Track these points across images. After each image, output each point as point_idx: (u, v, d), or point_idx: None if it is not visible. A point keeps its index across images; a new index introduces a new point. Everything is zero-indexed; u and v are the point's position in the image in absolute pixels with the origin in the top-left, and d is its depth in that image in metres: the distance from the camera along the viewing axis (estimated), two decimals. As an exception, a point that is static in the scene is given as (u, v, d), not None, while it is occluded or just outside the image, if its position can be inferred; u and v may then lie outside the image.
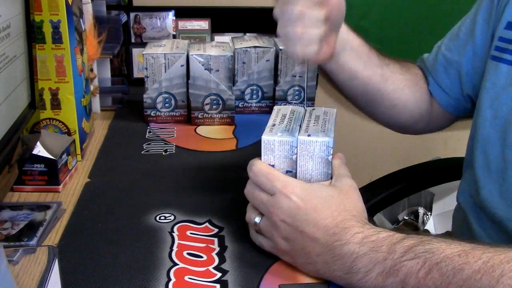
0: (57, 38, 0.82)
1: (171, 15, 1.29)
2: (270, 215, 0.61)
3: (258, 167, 0.62)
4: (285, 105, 0.99)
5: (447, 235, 1.02)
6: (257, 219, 0.63)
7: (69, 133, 0.87)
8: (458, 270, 0.51)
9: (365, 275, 0.55)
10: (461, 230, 0.84)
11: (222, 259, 0.64)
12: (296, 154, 0.63)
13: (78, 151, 0.88)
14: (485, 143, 0.75)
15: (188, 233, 0.70)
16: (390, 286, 0.54)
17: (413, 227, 1.09)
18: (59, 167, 0.78)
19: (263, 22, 1.37)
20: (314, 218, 0.58)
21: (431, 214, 1.61)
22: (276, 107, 0.72)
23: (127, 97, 1.14)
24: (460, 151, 1.80)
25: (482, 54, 0.80)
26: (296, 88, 1.08)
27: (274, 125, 0.65)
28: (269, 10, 1.48)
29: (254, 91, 1.09)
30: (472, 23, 0.82)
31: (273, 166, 0.63)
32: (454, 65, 0.85)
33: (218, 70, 1.02)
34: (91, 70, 1.03)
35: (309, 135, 0.63)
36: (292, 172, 0.64)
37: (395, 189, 1.12)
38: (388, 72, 0.86)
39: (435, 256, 0.53)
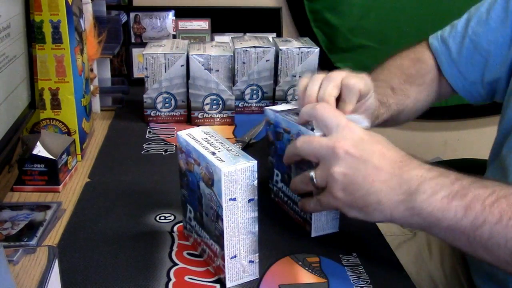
0: (57, 38, 0.82)
1: (171, 15, 1.29)
2: (332, 151, 0.59)
3: (325, 104, 0.63)
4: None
5: None
6: (312, 173, 0.61)
7: (69, 133, 0.87)
8: None
9: (430, 196, 0.56)
10: None
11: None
12: (257, 178, 0.57)
13: (78, 151, 0.88)
14: None
15: (188, 233, 0.70)
16: (454, 209, 0.55)
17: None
18: (59, 167, 0.78)
19: (263, 22, 1.38)
20: (379, 149, 0.59)
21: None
22: (182, 133, 0.63)
23: (127, 97, 1.14)
24: (460, 151, 1.81)
25: (510, 42, 0.79)
26: (296, 88, 1.08)
27: (214, 153, 0.58)
28: (269, 10, 1.49)
29: (254, 91, 1.09)
30: (504, 12, 0.80)
31: (234, 199, 0.57)
32: (481, 52, 0.83)
33: (218, 70, 1.02)
34: (91, 70, 1.03)
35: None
36: (254, 200, 0.58)
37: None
38: (404, 104, 0.87)
39: (504, 189, 0.55)
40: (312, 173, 0.62)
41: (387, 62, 0.91)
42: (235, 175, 0.56)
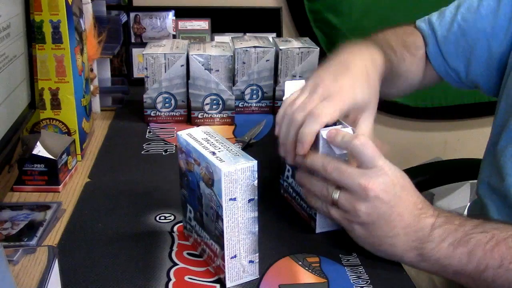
0: (57, 38, 0.82)
1: (171, 15, 1.29)
2: (364, 191, 0.60)
3: (365, 139, 0.61)
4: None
5: None
6: (335, 195, 0.62)
7: (69, 133, 0.87)
8: None
9: (438, 244, 0.59)
10: None
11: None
12: (257, 178, 0.58)
13: (78, 151, 0.88)
14: None
15: (188, 233, 0.70)
16: (458, 256, 0.59)
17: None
18: (59, 167, 0.78)
19: (263, 22, 1.38)
20: (405, 196, 0.61)
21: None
22: (182, 133, 0.63)
23: (127, 97, 1.14)
24: (459, 152, 1.80)
25: (502, 36, 0.79)
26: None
27: (214, 153, 0.58)
28: (269, 10, 1.48)
29: (254, 91, 1.09)
30: (497, 2, 0.80)
31: (235, 199, 0.57)
32: (468, 39, 0.82)
33: (218, 70, 1.02)
34: (91, 70, 1.03)
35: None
36: (254, 200, 0.58)
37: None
38: (400, 69, 0.86)
39: (503, 233, 0.58)
40: (336, 196, 0.62)
41: (379, 33, 0.89)
42: (235, 175, 0.56)
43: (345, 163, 0.63)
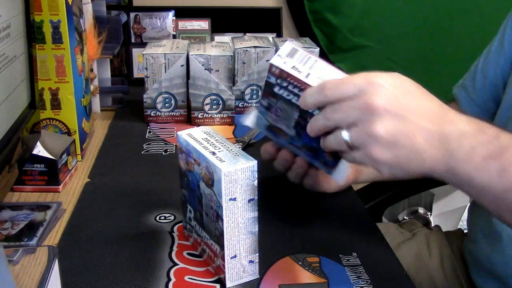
0: (57, 38, 0.82)
1: (171, 15, 1.29)
2: (368, 109, 0.55)
3: (329, 83, 0.58)
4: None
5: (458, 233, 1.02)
6: (345, 133, 0.57)
7: (69, 133, 0.87)
8: None
9: (468, 155, 0.55)
10: (479, 222, 0.83)
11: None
12: (257, 178, 0.57)
13: (78, 151, 0.88)
14: None
15: (188, 233, 0.70)
16: (488, 171, 0.54)
17: (424, 220, 1.09)
18: (59, 167, 0.78)
19: (263, 22, 1.38)
20: (414, 104, 0.56)
21: (431, 214, 1.62)
22: (182, 133, 0.63)
23: (127, 97, 1.14)
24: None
25: None
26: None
27: (214, 153, 0.58)
28: (269, 10, 1.48)
29: (254, 91, 1.09)
30: (502, 37, 0.83)
31: (235, 199, 0.57)
32: (488, 78, 0.85)
33: (218, 70, 1.02)
34: (91, 70, 1.03)
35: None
36: (254, 200, 0.58)
37: (396, 190, 1.12)
38: None
39: None
40: (345, 134, 0.57)
41: None
42: (235, 175, 0.56)
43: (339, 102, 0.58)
